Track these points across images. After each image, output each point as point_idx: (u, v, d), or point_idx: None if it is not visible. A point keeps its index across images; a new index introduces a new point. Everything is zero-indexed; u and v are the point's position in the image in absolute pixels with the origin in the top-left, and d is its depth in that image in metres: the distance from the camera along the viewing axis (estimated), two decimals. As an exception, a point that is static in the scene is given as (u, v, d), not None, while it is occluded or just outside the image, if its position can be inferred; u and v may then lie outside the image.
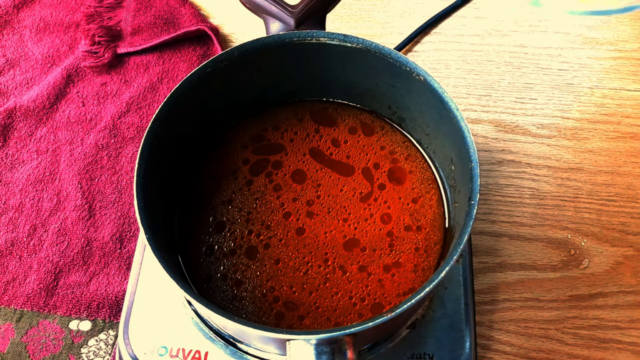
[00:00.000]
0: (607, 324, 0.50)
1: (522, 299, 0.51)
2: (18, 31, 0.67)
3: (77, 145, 0.59)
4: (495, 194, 0.56)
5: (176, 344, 0.43)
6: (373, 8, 0.69)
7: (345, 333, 0.32)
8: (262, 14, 0.48)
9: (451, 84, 0.63)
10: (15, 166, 0.58)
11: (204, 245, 0.43)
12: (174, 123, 0.41)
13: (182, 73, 0.63)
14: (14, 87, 0.63)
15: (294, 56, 0.44)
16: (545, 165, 0.58)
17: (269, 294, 0.41)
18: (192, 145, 0.46)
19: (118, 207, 0.56)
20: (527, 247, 0.54)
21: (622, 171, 0.57)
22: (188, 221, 0.44)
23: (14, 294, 0.52)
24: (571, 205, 0.56)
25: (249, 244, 0.43)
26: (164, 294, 0.45)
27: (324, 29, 0.48)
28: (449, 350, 0.43)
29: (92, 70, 0.64)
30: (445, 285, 0.45)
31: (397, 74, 0.42)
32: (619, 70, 0.63)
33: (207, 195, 0.45)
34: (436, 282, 0.33)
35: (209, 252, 0.43)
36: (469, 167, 0.37)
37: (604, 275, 0.52)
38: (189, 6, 0.67)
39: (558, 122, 0.60)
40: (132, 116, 0.61)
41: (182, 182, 0.45)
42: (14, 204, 0.56)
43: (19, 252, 0.54)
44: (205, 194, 0.45)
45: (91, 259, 0.53)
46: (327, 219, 0.44)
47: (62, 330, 0.50)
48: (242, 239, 0.43)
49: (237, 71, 0.44)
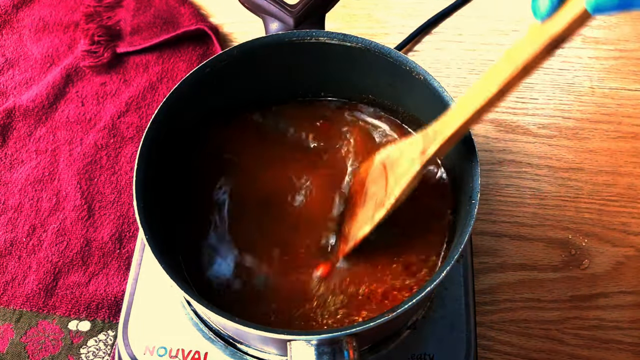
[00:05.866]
0: (608, 325, 0.50)
1: (522, 299, 0.51)
2: (17, 31, 0.67)
3: (76, 145, 0.59)
4: (495, 194, 0.56)
5: (176, 344, 0.43)
6: (373, 7, 0.69)
7: (346, 333, 0.31)
8: (261, 13, 0.48)
9: (451, 84, 0.62)
10: (14, 166, 0.58)
11: (204, 246, 0.43)
12: (174, 123, 0.41)
13: (181, 73, 0.63)
14: (13, 86, 0.63)
15: (294, 56, 0.44)
16: (546, 165, 0.58)
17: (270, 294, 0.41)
18: (191, 144, 0.46)
19: (117, 207, 0.56)
20: (527, 248, 0.53)
21: (623, 171, 0.57)
22: (188, 221, 0.44)
23: (13, 294, 0.52)
24: (572, 206, 0.55)
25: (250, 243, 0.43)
26: (164, 294, 0.45)
27: (323, 29, 0.48)
28: (450, 350, 0.43)
29: (91, 70, 0.64)
30: (446, 285, 0.45)
31: (397, 73, 0.42)
32: (620, 70, 0.63)
33: (208, 195, 0.45)
34: (437, 282, 0.33)
35: (208, 252, 0.43)
36: (469, 167, 0.37)
37: (605, 275, 0.52)
38: (189, 6, 0.67)
39: (559, 121, 0.60)
40: (131, 116, 0.61)
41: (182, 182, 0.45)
42: (13, 204, 0.56)
43: (18, 252, 0.54)
44: (206, 194, 0.45)
45: (90, 259, 0.53)
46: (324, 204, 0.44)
47: (62, 330, 0.50)
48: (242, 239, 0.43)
49: (236, 71, 0.44)
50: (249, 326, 0.32)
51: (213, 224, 0.44)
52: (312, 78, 0.47)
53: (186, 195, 0.45)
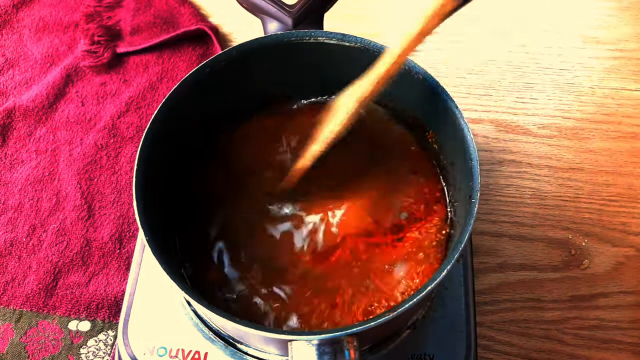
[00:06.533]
0: (608, 325, 0.50)
1: (522, 299, 0.51)
2: (17, 31, 0.67)
3: (76, 145, 0.59)
4: (495, 194, 0.56)
5: (175, 344, 0.43)
6: (372, 7, 0.69)
7: (347, 333, 0.31)
8: (259, 13, 0.48)
9: (451, 84, 0.62)
10: (14, 166, 0.58)
11: (204, 246, 0.43)
12: (173, 123, 0.41)
13: (181, 72, 0.63)
14: (13, 86, 0.63)
15: (293, 56, 0.44)
16: (546, 165, 0.58)
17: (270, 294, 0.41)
18: (191, 144, 0.46)
19: (117, 207, 0.56)
20: (527, 248, 0.53)
21: (623, 171, 0.57)
22: (188, 221, 0.44)
23: (13, 294, 0.52)
24: (572, 206, 0.55)
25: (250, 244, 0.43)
26: (164, 295, 0.45)
27: (321, 29, 0.48)
28: (450, 350, 0.43)
29: (91, 70, 0.64)
30: (446, 285, 0.45)
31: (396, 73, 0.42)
32: (620, 70, 0.63)
33: (208, 195, 0.45)
34: (437, 282, 0.33)
35: (209, 252, 0.43)
36: (469, 165, 0.37)
37: (604, 275, 0.52)
38: (189, 6, 0.67)
39: (559, 122, 0.60)
40: (131, 116, 0.61)
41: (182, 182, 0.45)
42: (13, 204, 0.56)
43: (18, 252, 0.54)
44: (206, 194, 0.45)
45: (90, 259, 0.53)
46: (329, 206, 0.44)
47: (62, 330, 0.50)
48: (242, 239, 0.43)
49: (235, 71, 0.43)
50: (249, 326, 0.32)
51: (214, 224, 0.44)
52: (312, 78, 0.47)
53: (186, 195, 0.45)
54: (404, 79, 0.42)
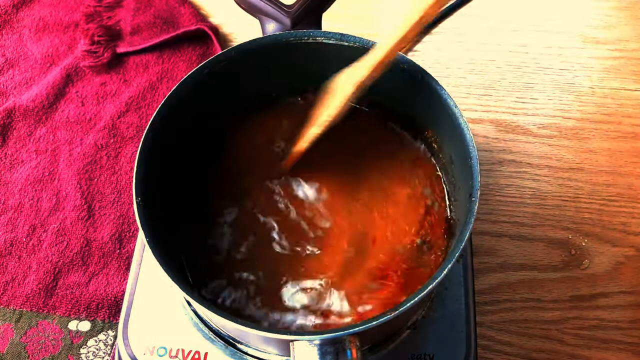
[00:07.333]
0: (608, 325, 0.50)
1: (522, 299, 0.51)
2: (17, 31, 0.67)
3: (76, 145, 0.59)
4: (495, 194, 0.56)
5: (176, 344, 0.43)
6: (371, 7, 0.69)
7: (349, 333, 0.31)
8: (257, 14, 0.48)
9: (451, 84, 0.62)
10: (14, 166, 0.58)
11: (204, 245, 0.43)
12: (173, 123, 0.41)
13: (181, 72, 0.63)
14: (13, 86, 0.63)
15: (291, 56, 0.44)
16: (546, 165, 0.58)
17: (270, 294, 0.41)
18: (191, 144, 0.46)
19: (117, 207, 0.56)
20: (528, 248, 0.53)
21: (623, 171, 0.57)
22: (188, 221, 0.44)
23: (13, 294, 0.52)
24: (572, 206, 0.55)
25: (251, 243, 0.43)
26: (164, 295, 0.45)
27: (320, 29, 0.48)
28: (450, 350, 0.43)
29: (91, 70, 0.64)
30: (446, 285, 0.45)
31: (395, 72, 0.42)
32: (620, 70, 0.63)
33: (208, 195, 0.45)
34: (437, 281, 0.33)
35: (209, 252, 0.43)
36: (468, 164, 0.37)
37: (604, 275, 0.52)
38: (189, 6, 0.67)
39: (559, 121, 0.60)
40: (131, 116, 0.61)
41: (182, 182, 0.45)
42: (13, 204, 0.56)
43: (18, 252, 0.54)
44: (206, 194, 0.45)
45: (90, 259, 0.53)
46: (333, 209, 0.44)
47: (62, 330, 0.50)
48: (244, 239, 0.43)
49: (235, 72, 0.43)
50: (249, 326, 0.32)
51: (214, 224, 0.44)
52: (311, 78, 0.47)
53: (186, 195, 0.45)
54: (403, 78, 0.42)
